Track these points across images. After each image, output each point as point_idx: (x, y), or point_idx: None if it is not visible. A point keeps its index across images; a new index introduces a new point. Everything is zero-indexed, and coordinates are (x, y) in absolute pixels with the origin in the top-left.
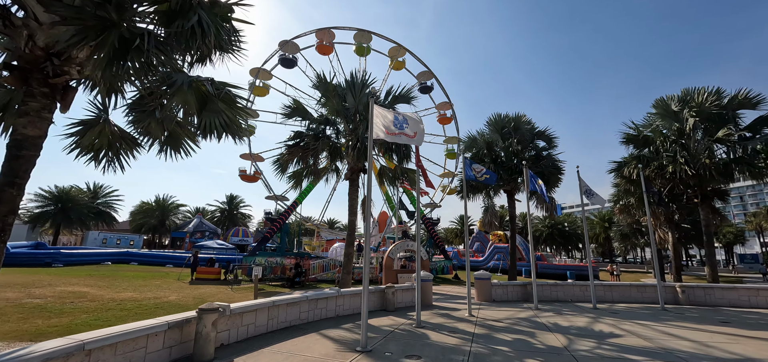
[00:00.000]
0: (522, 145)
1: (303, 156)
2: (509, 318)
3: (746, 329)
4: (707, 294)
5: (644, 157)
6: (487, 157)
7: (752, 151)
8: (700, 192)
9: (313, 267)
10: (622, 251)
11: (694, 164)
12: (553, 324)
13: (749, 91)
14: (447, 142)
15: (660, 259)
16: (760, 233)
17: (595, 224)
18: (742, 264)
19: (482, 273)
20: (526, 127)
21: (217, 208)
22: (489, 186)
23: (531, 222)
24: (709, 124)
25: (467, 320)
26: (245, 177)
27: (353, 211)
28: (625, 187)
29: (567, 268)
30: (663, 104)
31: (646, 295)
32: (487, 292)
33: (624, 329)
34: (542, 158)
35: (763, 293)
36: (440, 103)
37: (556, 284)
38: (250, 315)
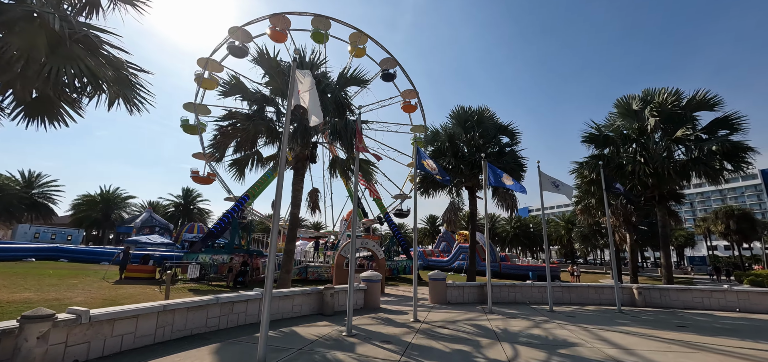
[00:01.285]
0: (485, 140)
1: (242, 141)
2: (457, 324)
3: (702, 334)
4: (663, 296)
5: (605, 156)
6: (449, 151)
7: (708, 151)
8: (657, 193)
9: (266, 265)
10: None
11: (653, 164)
12: (503, 330)
13: (707, 92)
14: (414, 130)
15: (618, 260)
16: (707, 237)
17: (559, 226)
18: (691, 266)
19: (436, 274)
20: (490, 121)
21: (172, 203)
22: (452, 183)
23: (488, 216)
24: (668, 125)
25: (409, 326)
26: (198, 178)
27: (296, 204)
28: (586, 188)
29: (530, 269)
30: (624, 104)
31: (604, 297)
32: (441, 294)
33: (579, 336)
34: (505, 154)
35: (716, 295)
36: (405, 90)
37: (514, 285)
38: (126, 323)
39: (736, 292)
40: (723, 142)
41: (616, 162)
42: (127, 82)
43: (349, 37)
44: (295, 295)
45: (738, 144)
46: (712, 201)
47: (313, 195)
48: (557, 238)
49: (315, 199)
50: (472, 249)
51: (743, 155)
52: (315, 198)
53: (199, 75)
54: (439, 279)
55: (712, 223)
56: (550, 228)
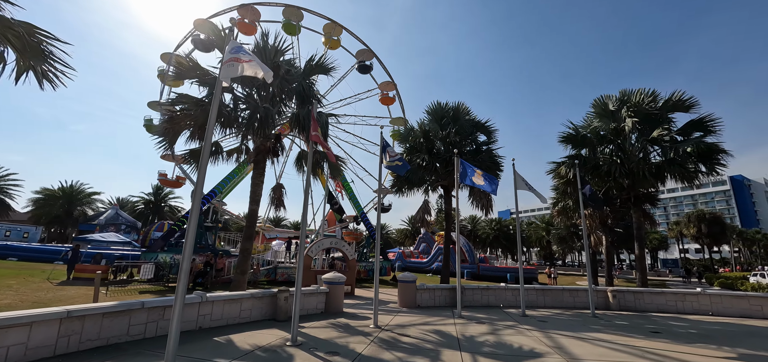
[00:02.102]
0: (461, 137)
1: (195, 129)
2: (419, 331)
3: (677, 341)
4: (637, 299)
5: (581, 156)
6: (423, 148)
7: (683, 153)
8: (633, 195)
9: (234, 265)
10: (560, 254)
11: (628, 164)
12: (468, 337)
13: (683, 94)
14: (393, 122)
15: (594, 263)
16: (679, 240)
17: (539, 228)
18: (664, 268)
19: (406, 276)
20: (466, 117)
21: (141, 200)
22: (427, 181)
23: (455, 216)
24: (645, 125)
25: (367, 333)
26: (166, 181)
27: (255, 200)
28: (563, 189)
29: (508, 271)
30: (601, 104)
31: (578, 300)
32: (410, 297)
33: (546, 345)
34: (481, 152)
35: (689, 298)
36: (383, 82)
37: (488, 288)
38: (15, 333)
39: (709, 295)
40: (698, 143)
41: (593, 162)
42: (38, 52)
43: (323, 28)
44: (244, 298)
45: (712, 146)
46: (684, 206)
47: (277, 191)
48: (537, 240)
49: (279, 196)
50: (447, 249)
51: (717, 157)
52: (279, 194)
53: (163, 71)
54: (408, 282)
55: (685, 227)
56: (530, 230)
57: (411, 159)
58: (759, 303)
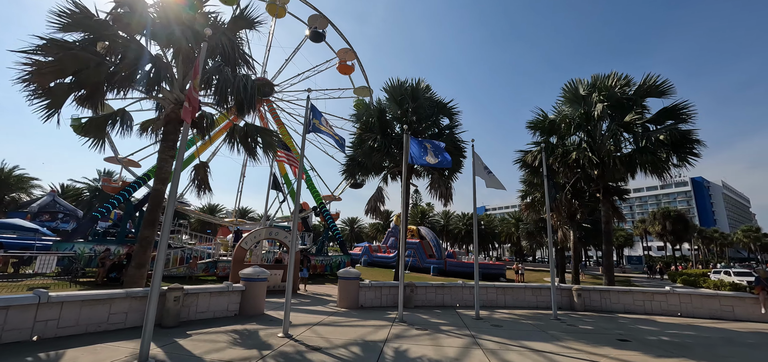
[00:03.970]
0: (419, 117)
1: (76, 87)
2: (338, 342)
3: (649, 353)
4: (603, 299)
5: (550, 144)
6: (377, 127)
7: (656, 141)
8: (602, 187)
9: (170, 258)
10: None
11: (598, 153)
12: (395, 354)
13: (657, 78)
14: (357, 93)
15: (562, 259)
16: (644, 237)
17: (509, 224)
18: (629, 265)
19: (348, 272)
20: (426, 96)
21: (87, 186)
22: (386, 168)
23: (405, 207)
24: (616, 112)
25: (266, 347)
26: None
27: (161, 178)
28: (530, 180)
29: None
30: (571, 88)
31: (541, 299)
32: (352, 296)
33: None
34: (443, 136)
35: (657, 298)
36: (340, 49)
37: (442, 286)
38: None
39: (679, 295)
40: (671, 130)
41: (561, 150)
42: None
43: None
44: (115, 299)
45: (686, 134)
46: (648, 205)
47: (200, 171)
48: (508, 236)
49: (202, 176)
50: (402, 243)
51: (690, 147)
52: (202, 174)
53: None
54: (350, 279)
55: (650, 224)
56: (501, 226)
57: (363, 140)
58: (730, 303)
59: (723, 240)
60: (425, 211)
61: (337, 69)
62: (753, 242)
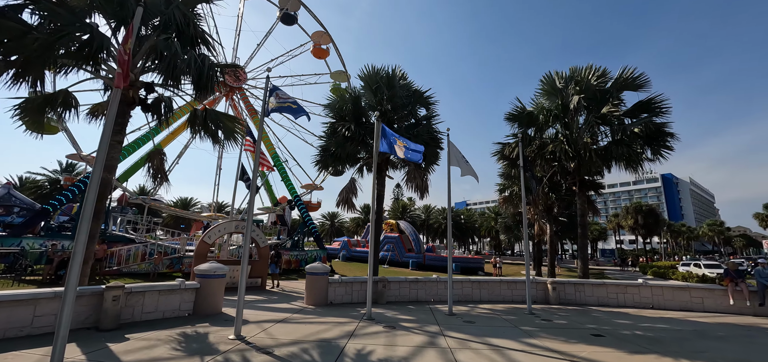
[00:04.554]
0: (394, 106)
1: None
2: (295, 344)
3: (623, 349)
4: (578, 292)
5: (527, 136)
6: (350, 115)
7: (631, 133)
8: (578, 180)
9: (130, 254)
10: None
11: (575, 145)
12: (358, 356)
13: (633, 71)
14: (334, 77)
15: (538, 252)
16: (616, 231)
17: (489, 218)
18: (603, 257)
19: (315, 267)
20: (403, 85)
21: (47, 178)
22: (361, 159)
23: (379, 199)
24: (593, 104)
25: (214, 351)
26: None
27: (109, 167)
28: (508, 172)
29: (454, 261)
30: (549, 80)
31: (517, 293)
32: (320, 293)
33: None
34: (419, 125)
35: (631, 290)
36: (315, 32)
37: (417, 280)
38: None
39: (651, 288)
40: (646, 123)
41: (539, 142)
42: None
43: None
44: (40, 299)
45: (661, 126)
46: (621, 200)
47: (155, 158)
48: (487, 230)
49: (158, 164)
50: (376, 236)
51: (664, 140)
52: (158, 162)
53: None
54: (318, 274)
55: (623, 218)
56: (481, 220)
57: (336, 129)
58: (700, 295)
59: (690, 234)
60: (406, 206)
61: (311, 53)
62: (717, 235)
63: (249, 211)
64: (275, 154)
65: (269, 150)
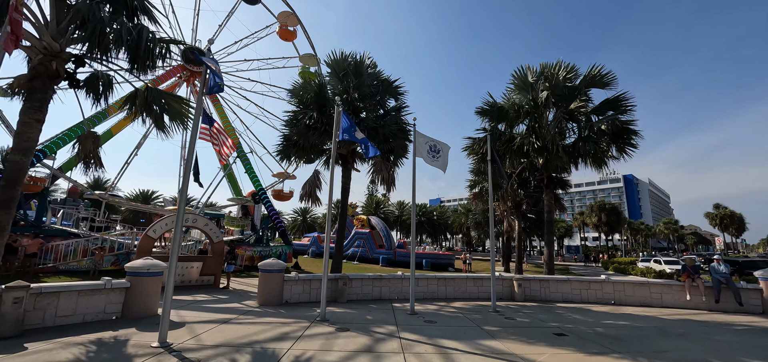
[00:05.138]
0: (363, 96)
1: None
2: (230, 351)
3: (584, 350)
4: (543, 288)
5: (497, 131)
6: (314, 103)
7: (598, 130)
8: (546, 176)
9: (70, 250)
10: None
11: (543, 140)
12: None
13: (601, 68)
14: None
15: (507, 248)
16: (581, 229)
17: (461, 214)
18: (568, 254)
19: (269, 264)
20: (371, 73)
21: None
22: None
23: (331, 186)
24: (562, 100)
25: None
26: None
27: (22, 147)
28: (478, 168)
29: (424, 257)
30: (520, 75)
31: (483, 290)
32: (274, 291)
33: None
34: (387, 116)
35: (593, 286)
36: (281, 13)
37: (380, 278)
38: None
39: (613, 283)
40: (613, 120)
41: (508, 137)
42: None
43: None
44: None
45: (626, 124)
46: (586, 199)
47: (87, 142)
48: (459, 227)
49: (91, 148)
50: (340, 233)
51: (629, 138)
52: (90, 146)
53: None
54: (272, 271)
55: (588, 216)
56: (454, 217)
57: (299, 117)
58: (659, 291)
59: (647, 232)
60: (380, 202)
61: (277, 34)
62: (671, 233)
63: (180, 202)
64: (238, 145)
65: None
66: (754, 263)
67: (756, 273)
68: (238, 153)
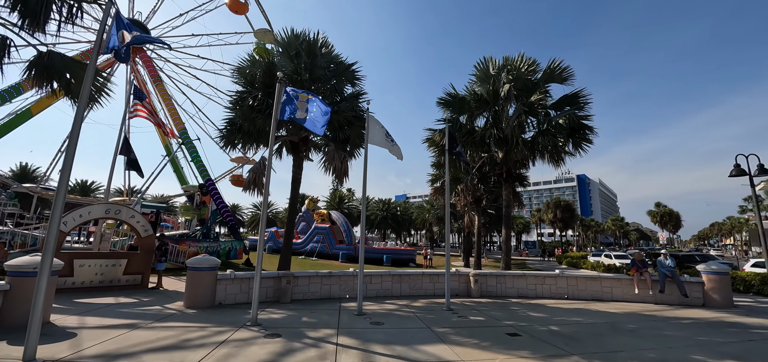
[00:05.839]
0: (315, 78)
1: None
2: None
3: (538, 351)
4: (499, 284)
5: (458, 122)
6: (261, 85)
7: (556, 125)
8: (505, 170)
9: None
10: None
11: (503, 131)
12: None
13: (560, 63)
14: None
15: (468, 244)
16: (538, 225)
17: (424, 210)
18: (526, 249)
19: (199, 261)
20: (325, 52)
21: None
22: (280, 136)
23: (268, 173)
24: (523, 94)
25: None
26: None
27: None
28: (439, 161)
29: (385, 252)
30: (483, 67)
31: (439, 286)
32: (204, 292)
33: None
34: (343, 101)
35: (548, 281)
36: None
37: (330, 275)
38: None
39: (566, 278)
40: (570, 115)
41: (468, 128)
42: None
43: None
44: None
45: (582, 119)
46: (543, 197)
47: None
48: (422, 223)
49: None
50: (290, 225)
51: (585, 133)
52: None
53: None
54: (202, 270)
55: (545, 213)
56: (418, 212)
57: (243, 98)
58: (610, 285)
59: (597, 228)
60: (344, 196)
61: (227, 6)
62: (618, 229)
63: (61, 183)
64: (183, 130)
65: (174, 120)
66: (692, 257)
67: (699, 267)
68: (183, 139)
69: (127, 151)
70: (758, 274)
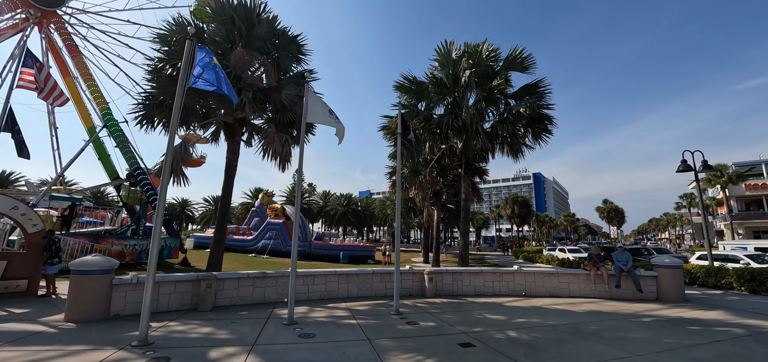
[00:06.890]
0: (254, 51)
1: None
2: None
3: None
4: (455, 281)
5: (417, 109)
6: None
7: (516, 114)
8: (464, 162)
9: None
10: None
11: (463, 119)
12: None
13: (522, 51)
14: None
15: (428, 239)
16: (497, 221)
17: (386, 205)
18: (485, 244)
19: (87, 262)
20: (266, 20)
21: None
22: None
23: (171, 151)
24: (484, 82)
25: None
26: None
27: None
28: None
29: (341, 249)
30: (444, 52)
31: (391, 285)
32: (93, 301)
33: None
34: (288, 79)
35: (505, 278)
36: None
37: (264, 276)
38: None
39: (524, 274)
40: (531, 104)
41: (426, 114)
42: None
43: None
44: None
45: (542, 108)
46: (502, 194)
47: None
48: (384, 218)
49: None
50: (222, 218)
51: (544, 124)
52: None
53: None
54: (91, 273)
55: (503, 208)
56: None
57: (160, 68)
58: (567, 280)
59: (550, 223)
60: (304, 191)
61: None
62: (569, 225)
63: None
64: (107, 111)
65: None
66: (637, 250)
67: (653, 260)
68: (106, 120)
69: (11, 127)
70: (702, 267)
